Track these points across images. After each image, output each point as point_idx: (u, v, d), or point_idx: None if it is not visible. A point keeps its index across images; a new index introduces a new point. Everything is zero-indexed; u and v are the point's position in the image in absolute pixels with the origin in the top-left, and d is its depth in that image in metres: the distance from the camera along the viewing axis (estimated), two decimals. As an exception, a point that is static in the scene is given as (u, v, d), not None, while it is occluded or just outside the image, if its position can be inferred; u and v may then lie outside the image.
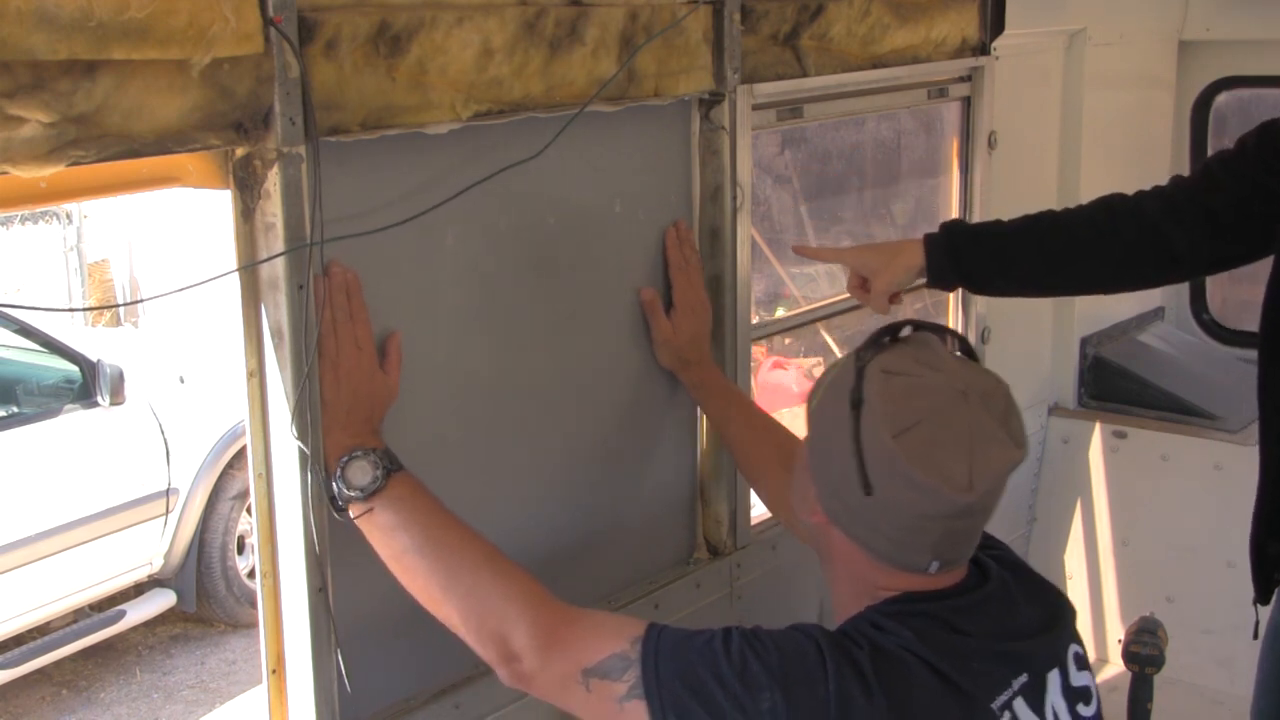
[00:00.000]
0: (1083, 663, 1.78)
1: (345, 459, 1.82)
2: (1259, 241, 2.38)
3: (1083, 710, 1.75)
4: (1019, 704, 1.66)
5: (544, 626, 1.73)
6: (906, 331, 1.75)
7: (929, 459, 1.60)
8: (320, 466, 1.85)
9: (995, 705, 1.64)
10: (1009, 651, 1.68)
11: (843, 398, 1.67)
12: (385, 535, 1.82)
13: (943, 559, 1.68)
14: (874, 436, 1.62)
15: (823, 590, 2.88)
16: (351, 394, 1.86)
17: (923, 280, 2.47)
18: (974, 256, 2.43)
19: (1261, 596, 2.67)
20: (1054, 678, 1.72)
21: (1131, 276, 2.56)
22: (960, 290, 3.29)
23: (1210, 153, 4.27)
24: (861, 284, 2.48)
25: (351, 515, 1.83)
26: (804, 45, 2.59)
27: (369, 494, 1.81)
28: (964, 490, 1.60)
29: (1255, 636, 2.73)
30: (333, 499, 1.84)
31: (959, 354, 1.76)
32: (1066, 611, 1.82)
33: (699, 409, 2.53)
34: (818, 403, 1.76)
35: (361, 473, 1.81)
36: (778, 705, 1.57)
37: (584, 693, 1.68)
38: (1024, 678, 1.68)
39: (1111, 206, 2.45)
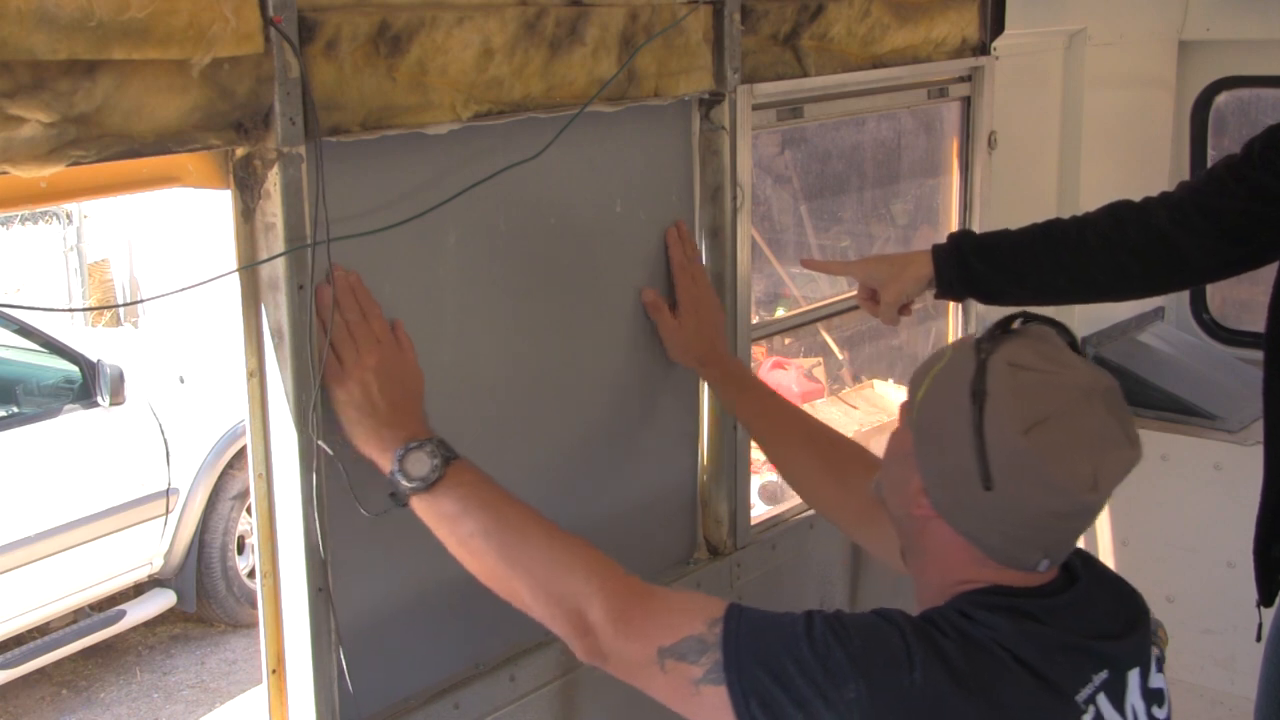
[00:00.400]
0: (1160, 665, 1.77)
1: (401, 452, 1.80)
2: (1268, 245, 2.38)
3: (1156, 713, 1.74)
4: (1101, 699, 1.64)
5: (619, 603, 1.71)
6: (1018, 324, 1.71)
7: (1060, 458, 1.57)
8: (348, 465, 1.85)
9: (1080, 699, 1.62)
10: (1092, 648, 1.66)
11: (961, 388, 1.62)
12: (450, 522, 1.81)
13: (1052, 557, 1.66)
14: (1000, 431, 1.58)
15: (823, 590, 2.89)
16: (391, 388, 1.85)
17: (932, 291, 2.47)
18: (983, 268, 2.42)
19: (1265, 599, 2.67)
20: (1134, 677, 1.70)
21: (1142, 284, 2.55)
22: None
23: (1210, 153, 4.28)
24: (870, 295, 2.48)
25: (414, 508, 1.82)
26: (804, 45, 2.59)
27: (430, 484, 1.79)
28: (1090, 490, 1.59)
29: (1259, 639, 2.73)
30: (394, 493, 1.82)
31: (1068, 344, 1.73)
32: (1148, 617, 1.79)
33: (704, 408, 2.54)
34: (926, 392, 1.69)
35: (419, 464, 1.80)
36: (862, 695, 1.54)
37: (659, 673, 1.66)
38: (1105, 673, 1.65)
39: (1119, 214, 2.44)
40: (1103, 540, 3.91)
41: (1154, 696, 1.73)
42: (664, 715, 2.53)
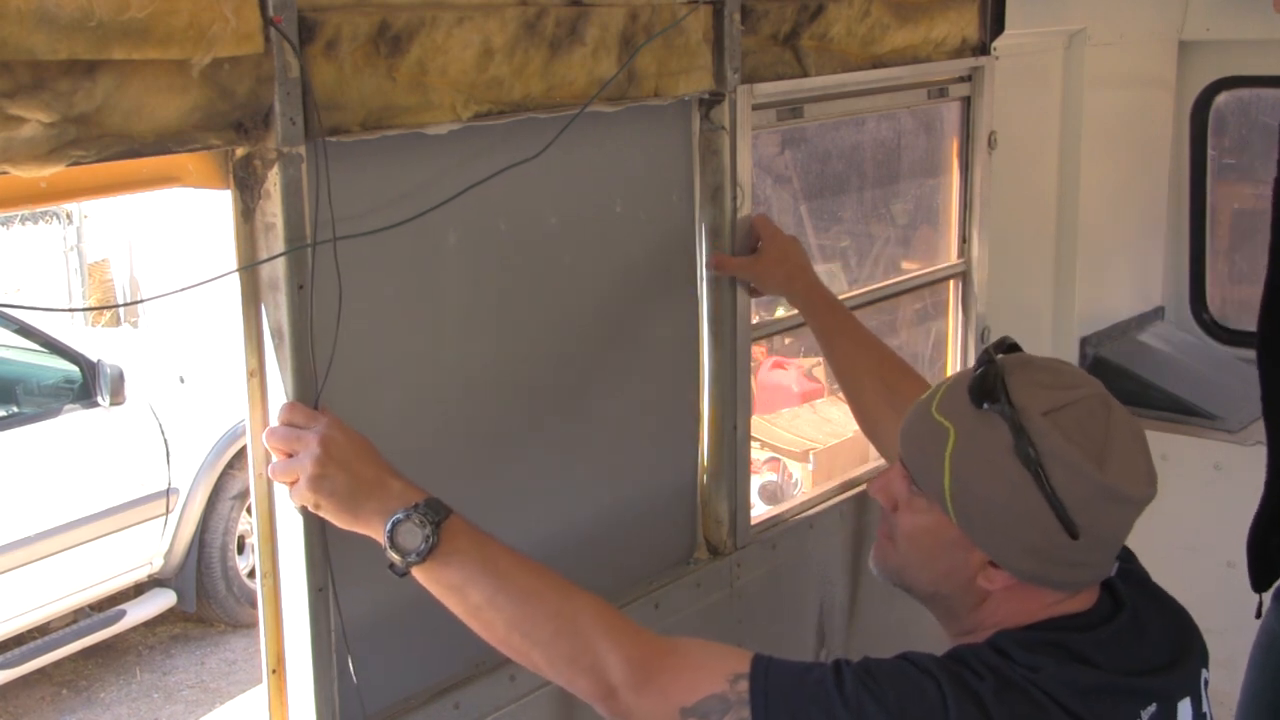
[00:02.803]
0: (1207, 686, 1.75)
1: (389, 527, 1.71)
2: None
3: None
4: None
5: (638, 661, 1.66)
6: (1000, 357, 1.68)
7: (1127, 473, 1.58)
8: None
9: None
10: (1138, 686, 1.63)
11: (1003, 458, 1.58)
12: (456, 594, 1.73)
13: (1106, 568, 1.67)
14: (1075, 480, 1.56)
15: (823, 590, 2.89)
16: (344, 465, 1.74)
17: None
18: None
19: (1257, 585, 2.69)
20: (1185, 707, 1.69)
21: None
22: (960, 288, 3.31)
23: (1210, 153, 4.29)
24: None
25: (417, 578, 1.75)
26: (804, 45, 2.59)
27: (425, 555, 1.70)
28: (1149, 484, 1.60)
29: (1258, 616, 2.74)
30: (392, 568, 1.74)
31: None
32: (1196, 636, 1.78)
33: (704, 408, 2.54)
34: (954, 474, 1.63)
35: (410, 536, 1.70)
36: None
37: None
38: (1153, 708, 1.64)
39: None
40: (1103, 540, 3.91)
41: None
42: (664, 715, 2.53)
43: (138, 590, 6.74)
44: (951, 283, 3.33)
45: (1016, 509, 1.58)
